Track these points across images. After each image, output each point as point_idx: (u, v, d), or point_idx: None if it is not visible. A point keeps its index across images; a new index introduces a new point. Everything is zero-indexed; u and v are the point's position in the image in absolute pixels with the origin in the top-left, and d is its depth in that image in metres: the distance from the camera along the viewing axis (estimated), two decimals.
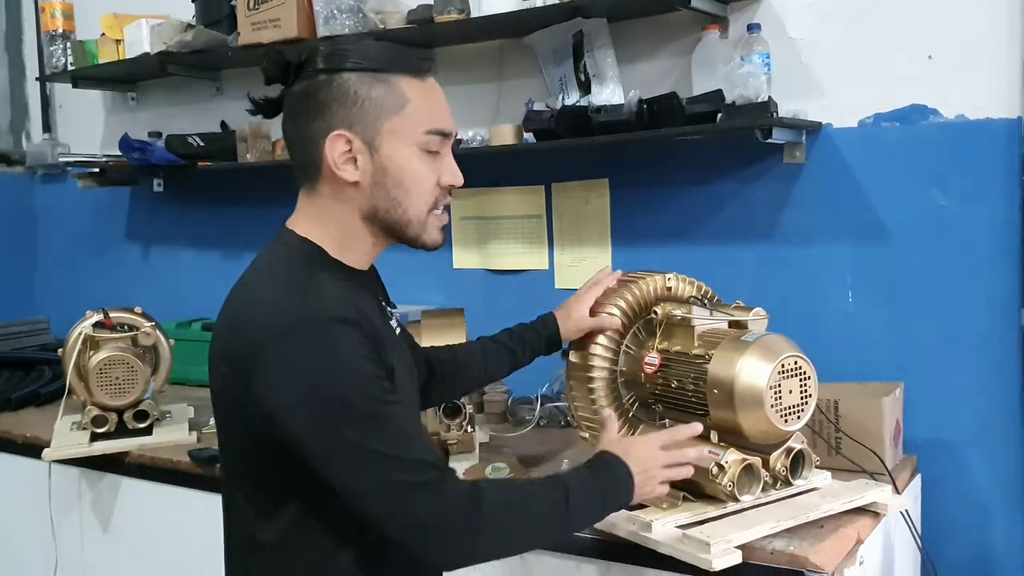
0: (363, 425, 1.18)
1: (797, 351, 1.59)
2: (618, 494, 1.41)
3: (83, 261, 3.60)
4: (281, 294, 1.25)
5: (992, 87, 2.02)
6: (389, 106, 1.29)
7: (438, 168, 1.35)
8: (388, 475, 1.19)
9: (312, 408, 1.19)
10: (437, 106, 1.34)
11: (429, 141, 1.32)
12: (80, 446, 2.34)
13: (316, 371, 1.19)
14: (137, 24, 2.93)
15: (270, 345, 1.19)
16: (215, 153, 2.91)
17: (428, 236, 1.36)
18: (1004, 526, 2.07)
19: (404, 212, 1.33)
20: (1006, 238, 2.02)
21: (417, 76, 1.32)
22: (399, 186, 1.31)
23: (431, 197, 1.34)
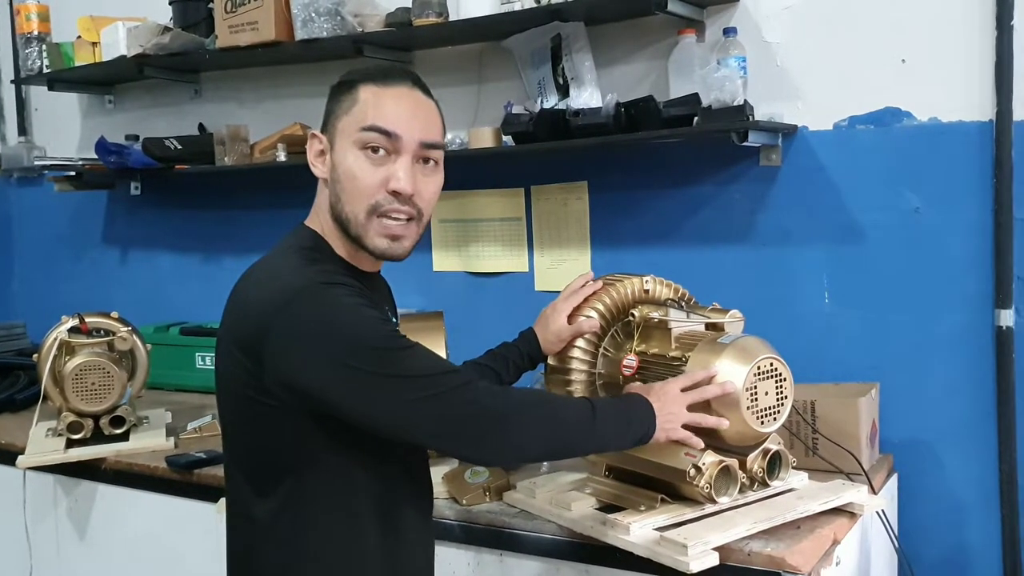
0: (381, 357, 1.24)
1: (773, 353, 1.59)
2: (642, 423, 1.47)
3: (60, 265, 3.56)
4: (284, 273, 1.32)
5: (964, 90, 2.04)
6: (344, 107, 1.37)
7: (385, 171, 1.35)
8: (418, 393, 1.25)
9: (330, 358, 1.24)
10: (384, 106, 1.36)
11: (365, 138, 1.34)
12: (55, 453, 2.32)
13: (323, 325, 1.25)
14: (114, 27, 2.91)
15: (276, 316, 1.26)
16: (193, 156, 2.89)
17: (369, 240, 1.37)
18: (980, 525, 2.08)
19: (342, 208, 1.36)
20: (979, 239, 2.04)
21: (379, 82, 1.37)
22: (338, 183, 1.36)
23: (369, 199, 1.35)
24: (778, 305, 2.24)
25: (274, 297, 1.27)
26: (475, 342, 1.85)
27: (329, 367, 1.24)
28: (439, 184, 1.43)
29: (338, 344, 1.24)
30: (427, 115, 1.40)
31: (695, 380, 1.55)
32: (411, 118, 1.36)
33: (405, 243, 1.39)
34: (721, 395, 1.53)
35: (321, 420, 1.28)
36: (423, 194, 1.38)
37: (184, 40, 2.76)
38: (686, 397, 1.53)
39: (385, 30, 2.47)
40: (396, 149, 1.35)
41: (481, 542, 1.82)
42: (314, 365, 1.24)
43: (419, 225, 1.40)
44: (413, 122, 1.36)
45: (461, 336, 2.21)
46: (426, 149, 1.38)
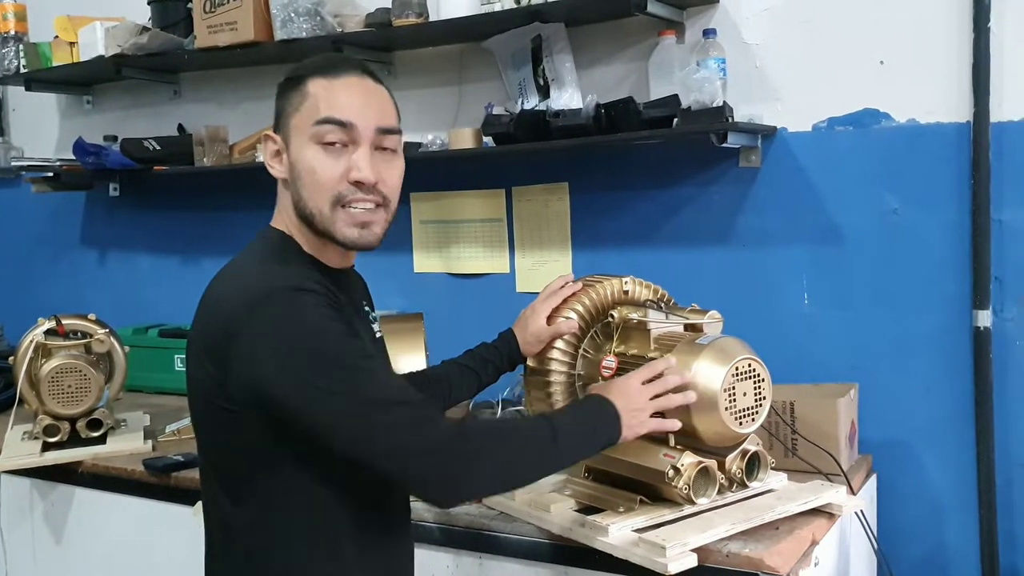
0: (343, 375, 1.22)
1: (751, 353, 1.59)
2: (608, 428, 1.44)
3: (38, 267, 3.54)
4: (252, 276, 1.30)
5: (942, 92, 2.04)
6: (294, 104, 1.35)
7: (344, 162, 1.33)
8: (378, 418, 1.22)
9: (293, 369, 1.22)
10: (336, 98, 1.33)
11: (321, 131, 1.32)
12: (31, 456, 2.30)
13: (290, 334, 1.23)
14: (91, 26, 2.89)
15: (243, 321, 1.24)
16: (172, 157, 2.87)
17: (338, 232, 1.34)
18: (958, 525, 2.09)
19: (305, 205, 1.34)
20: (957, 240, 2.05)
21: (327, 75, 1.34)
22: (299, 180, 1.34)
23: (331, 192, 1.32)
24: (758, 306, 2.24)
25: (240, 303, 1.25)
26: (456, 344, 1.84)
27: (291, 378, 1.22)
28: (401, 169, 1.40)
29: (301, 356, 1.22)
30: (380, 102, 1.37)
31: (655, 371, 1.53)
32: (364, 106, 1.34)
33: (375, 229, 1.36)
34: (682, 383, 1.52)
35: (288, 428, 1.26)
36: (387, 181, 1.36)
37: (163, 40, 2.74)
38: (648, 389, 1.51)
39: (365, 30, 2.46)
40: (353, 139, 1.33)
41: (460, 545, 1.81)
42: (277, 375, 1.22)
43: (387, 212, 1.38)
44: (367, 110, 1.34)
45: (442, 338, 2.19)
46: (383, 135, 1.35)
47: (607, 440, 1.45)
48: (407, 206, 2.67)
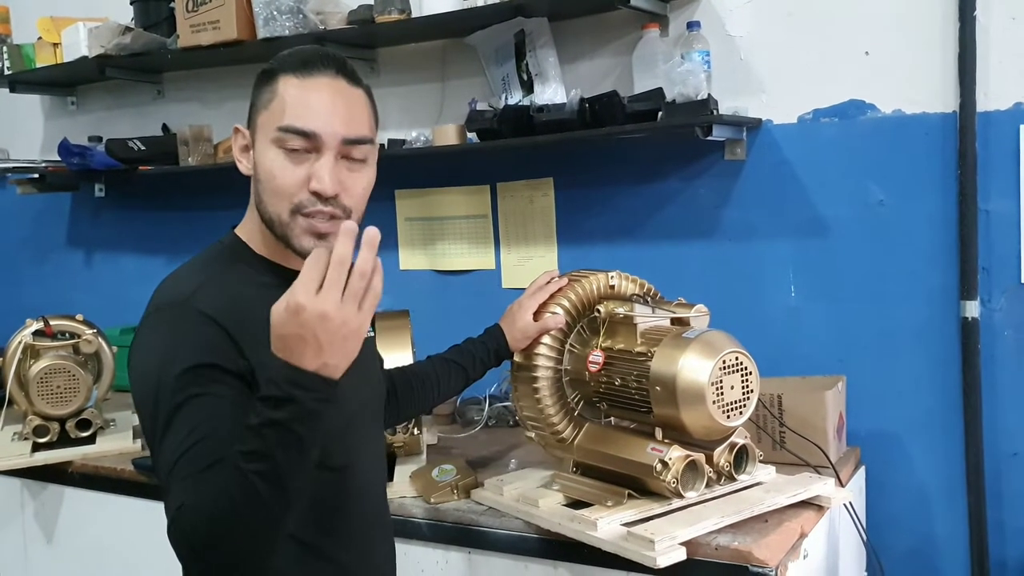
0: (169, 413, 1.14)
1: (738, 347, 1.58)
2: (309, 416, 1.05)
3: (25, 268, 3.52)
4: (169, 283, 1.27)
5: (928, 82, 2.03)
6: (263, 101, 1.28)
7: (306, 170, 1.24)
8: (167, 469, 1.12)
9: (139, 386, 1.20)
10: (302, 104, 1.25)
11: (283, 138, 1.24)
12: (21, 456, 2.31)
13: (150, 353, 1.19)
14: (75, 27, 2.87)
15: (140, 325, 1.24)
16: (156, 157, 2.86)
17: (295, 240, 1.26)
18: (946, 516, 2.08)
19: (266, 208, 1.27)
20: (944, 231, 2.04)
21: (298, 74, 1.26)
22: (260, 182, 1.28)
23: (290, 199, 1.24)
24: (744, 300, 2.22)
25: (150, 306, 1.24)
26: (442, 340, 1.83)
27: (138, 394, 1.20)
28: (369, 180, 1.31)
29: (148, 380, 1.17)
30: (350, 108, 1.27)
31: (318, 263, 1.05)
32: (331, 114, 1.25)
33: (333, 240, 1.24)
34: None
35: None
36: (351, 192, 1.27)
37: (146, 40, 2.73)
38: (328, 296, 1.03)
39: (347, 27, 2.44)
40: (316, 148, 1.25)
41: (449, 540, 1.80)
42: (134, 387, 1.21)
43: None
44: (333, 118, 1.25)
45: (428, 335, 2.18)
46: (350, 146, 1.26)
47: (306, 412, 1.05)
48: (392, 203, 2.65)
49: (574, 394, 1.76)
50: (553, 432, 1.72)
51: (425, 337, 2.12)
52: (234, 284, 1.26)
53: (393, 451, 2.02)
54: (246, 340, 1.19)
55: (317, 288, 1.03)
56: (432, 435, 2.22)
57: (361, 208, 1.31)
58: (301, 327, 1.03)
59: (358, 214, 1.30)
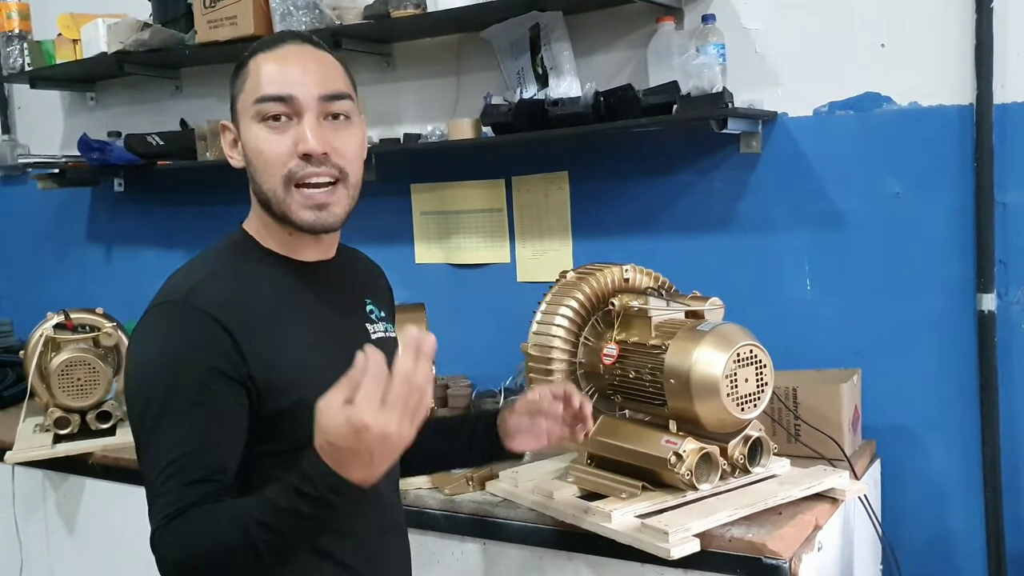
0: (158, 414, 1.13)
1: (752, 340, 1.58)
2: (326, 497, 1.03)
3: (46, 263, 3.54)
4: (174, 277, 1.26)
5: (944, 74, 2.01)
6: (239, 86, 1.27)
7: (291, 136, 1.23)
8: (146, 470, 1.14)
9: (131, 384, 1.20)
10: (271, 73, 1.24)
11: (262, 109, 1.23)
12: (43, 448, 2.33)
13: (144, 352, 1.19)
14: (94, 24, 2.88)
15: (140, 320, 1.23)
16: (175, 152, 2.86)
17: (295, 215, 1.24)
18: (963, 509, 2.06)
19: (261, 189, 1.25)
20: (960, 223, 2.02)
21: (265, 50, 1.26)
22: (251, 164, 1.26)
23: (281, 170, 1.23)
24: (760, 292, 2.21)
25: (153, 300, 1.23)
26: (458, 333, 1.84)
27: (129, 393, 1.20)
28: (359, 138, 1.29)
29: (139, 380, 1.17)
30: (321, 67, 1.26)
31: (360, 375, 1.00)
32: (303, 74, 1.24)
33: (335, 210, 1.25)
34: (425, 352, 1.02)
35: None
36: (341, 151, 1.25)
37: (164, 36, 2.73)
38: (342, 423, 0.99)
39: (363, 22, 2.44)
40: (296, 111, 1.23)
41: (464, 531, 1.80)
42: (127, 386, 1.22)
43: (347, 187, 1.27)
44: (306, 77, 1.24)
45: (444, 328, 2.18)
46: (329, 102, 1.24)
47: (322, 494, 1.03)
48: (407, 197, 2.66)
49: (588, 387, 1.76)
50: None
51: (440, 330, 2.11)
52: (238, 278, 1.25)
53: None
54: (246, 336, 1.17)
55: (380, 403, 0.98)
56: None
57: (357, 172, 1.28)
58: (360, 444, 0.98)
59: (353, 177, 1.28)
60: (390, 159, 2.56)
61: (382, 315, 1.44)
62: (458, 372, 2.51)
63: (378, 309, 1.43)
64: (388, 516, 1.39)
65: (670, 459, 1.56)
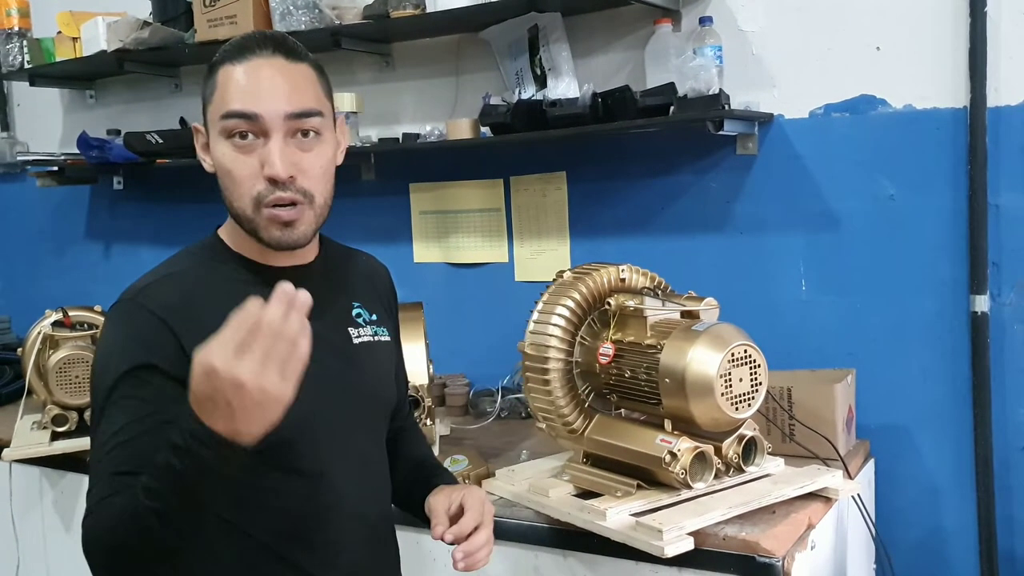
0: (100, 408, 1.17)
1: (747, 340, 1.58)
2: (199, 448, 0.99)
3: (45, 260, 3.55)
4: (139, 280, 1.28)
5: (938, 77, 2.03)
6: (207, 93, 1.24)
7: (258, 157, 1.20)
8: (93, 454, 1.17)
9: (92, 375, 1.23)
10: (237, 87, 1.20)
11: (228, 126, 1.20)
12: (40, 445, 2.33)
13: (101, 344, 1.23)
14: (93, 22, 2.88)
15: None
16: (174, 150, 2.85)
17: (263, 233, 1.23)
18: (956, 509, 2.08)
19: (231, 206, 1.24)
20: (954, 225, 2.03)
21: (233, 61, 1.22)
22: (221, 179, 1.25)
23: (250, 192, 1.21)
24: (755, 293, 2.23)
25: None
26: (455, 332, 1.84)
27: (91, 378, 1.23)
28: (327, 157, 1.26)
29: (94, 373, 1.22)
30: (290, 82, 1.22)
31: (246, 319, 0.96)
32: (270, 91, 1.20)
33: (300, 227, 1.23)
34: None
35: None
36: (308, 173, 1.22)
37: (163, 34, 2.74)
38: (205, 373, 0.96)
39: (362, 22, 2.44)
40: (262, 131, 1.20)
41: None
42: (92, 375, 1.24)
43: (313, 208, 1.24)
44: (273, 94, 1.20)
45: (441, 327, 2.20)
46: (297, 120, 1.21)
47: (198, 445, 0.99)
48: (406, 196, 2.66)
49: (585, 386, 1.77)
50: (564, 423, 1.73)
51: (439, 329, 2.14)
52: (197, 281, 1.25)
53: None
54: (193, 338, 1.05)
55: (235, 349, 0.93)
56: (445, 426, 2.24)
57: (324, 190, 1.26)
58: (213, 390, 0.94)
59: (322, 197, 1.25)
60: (389, 159, 2.57)
61: (373, 318, 1.41)
62: (456, 371, 2.53)
63: (368, 312, 1.41)
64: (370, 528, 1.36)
65: (665, 458, 1.56)
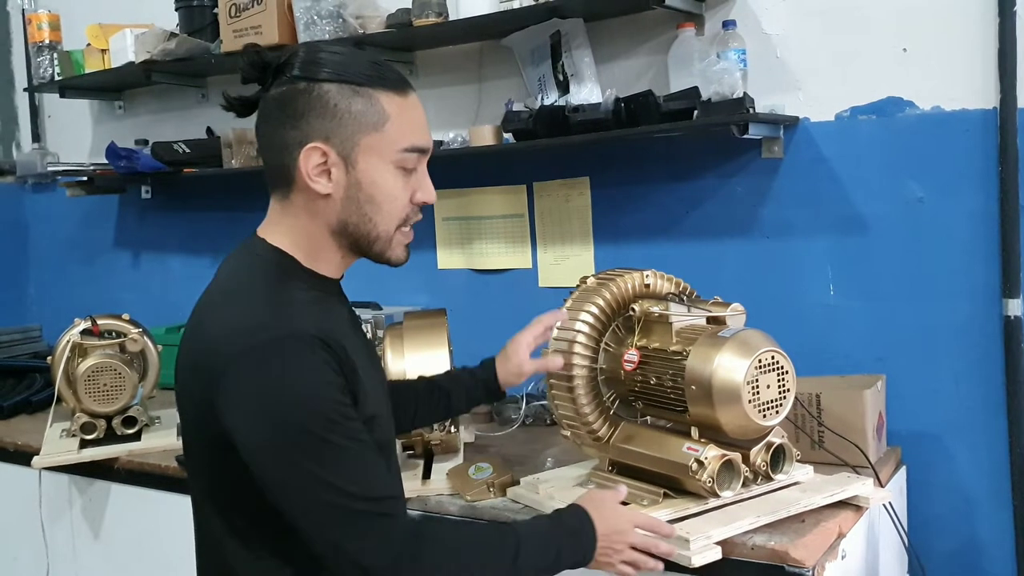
0: (316, 452, 1.14)
1: (774, 346, 1.56)
2: (575, 553, 1.34)
3: (74, 269, 3.59)
4: (250, 308, 1.21)
5: (967, 78, 1.99)
6: (369, 121, 1.25)
7: (412, 184, 1.30)
8: (335, 505, 1.15)
9: (267, 430, 1.15)
10: (416, 123, 1.29)
11: (406, 159, 1.27)
12: (69, 453, 2.34)
13: (276, 393, 1.15)
14: (122, 34, 2.93)
15: (236, 361, 1.16)
16: (201, 159, 2.89)
17: (393, 253, 1.31)
18: (990, 517, 2.04)
19: (374, 227, 1.28)
20: (985, 227, 1.99)
21: (399, 92, 1.27)
22: (371, 202, 1.27)
23: (402, 214, 1.29)
24: (783, 298, 2.20)
25: (237, 339, 1.17)
26: (479, 339, 1.83)
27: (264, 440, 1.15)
28: None
29: (281, 423, 1.15)
30: None
31: (652, 525, 1.43)
32: (427, 128, 1.33)
33: None
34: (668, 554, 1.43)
35: None
36: None
37: (190, 45, 2.77)
38: (637, 537, 1.40)
39: (386, 31, 2.46)
40: (422, 161, 1.31)
41: None
42: (252, 433, 1.16)
43: None
44: (429, 131, 1.33)
45: (465, 333, 2.18)
46: None
47: (572, 565, 1.33)
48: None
49: (610, 393, 1.75)
50: (589, 431, 1.71)
51: (462, 335, 2.13)
52: (306, 303, 1.25)
53: (431, 449, 2.02)
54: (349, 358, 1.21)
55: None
56: (469, 433, 2.23)
57: None
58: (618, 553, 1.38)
59: None
60: None
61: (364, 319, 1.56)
62: None
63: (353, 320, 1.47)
64: None
65: (691, 466, 1.54)
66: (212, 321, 1.24)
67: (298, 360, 1.16)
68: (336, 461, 1.15)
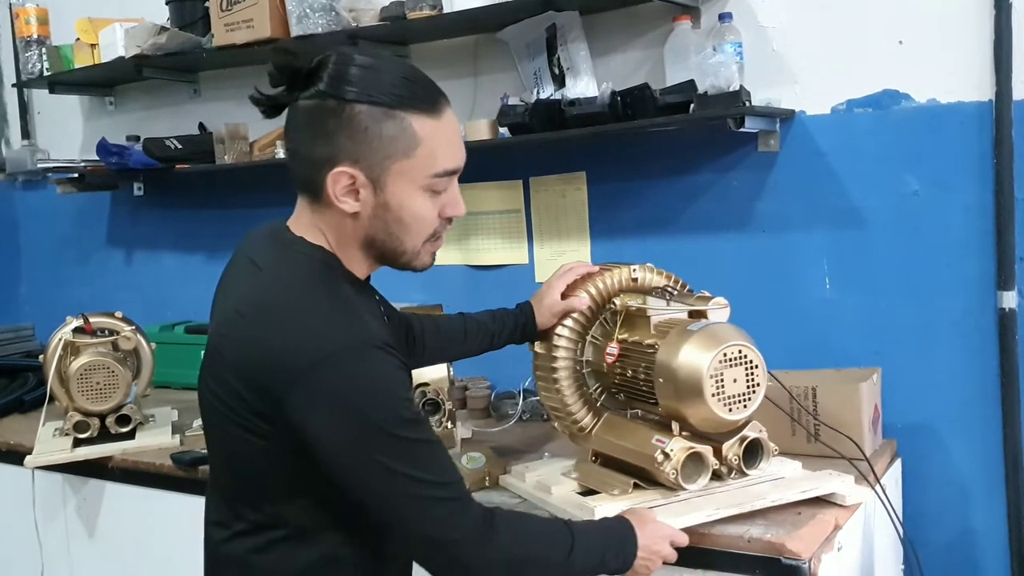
0: (397, 450, 1.27)
1: (743, 340, 1.63)
2: (617, 560, 1.48)
3: (66, 267, 3.68)
4: (315, 315, 1.29)
5: (963, 70, 2.09)
6: (400, 147, 1.30)
7: (442, 201, 1.37)
8: (418, 496, 1.28)
9: (350, 433, 1.26)
10: (449, 144, 1.34)
11: (440, 183, 1.34)
12: (62, 452, 2.41)
13: (357, 397, 1.25)
14: (111, 28, 3.00)
15: (310, 372, 1.24)
16: (193, 155, 2.98)
17: (419, 261, 1.41)
18: (985, 508, 2.15)
19: (400, 244, 1.37)
20: (980, 220, 2.10)
21: (431, 113, 1.31)
22: (399, 222, 1.34)
23: (430, 230, 1.38)
24: (778, 292, 2.31)
25: (308, 349, 1.25)
26: None
27: (347, 443, 1.26)
28: None
29: (362, 425, 1.25)
30: None
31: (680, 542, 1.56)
32: (461, 143, 1.39)
33: None
34: None
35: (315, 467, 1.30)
36: None
37: (181, 40, 2.85)
38: (668, 551, 1.54)
39: (380, 24, 2.53)
40: (453, 179, 1.38)
41: None
42: (335, 436, 1.26)
43: None
44: (462, 147, 1.39)
45: None
46: None
47: (614, 569, 1.48)
48: None
49: (595, 385, 1.88)
50: (573, 421, 1.84)
51: None
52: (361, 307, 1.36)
53: None
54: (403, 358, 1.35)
55: None
56: (467, 429, 2.33)
57: None
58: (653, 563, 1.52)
59: None
60: None
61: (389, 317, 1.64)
62: (477, 374, 2.65)
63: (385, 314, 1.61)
64: None
65: (657, 457, 1.64)
66: (272, 327, 1.29)
67: (373, 365, 1.27)
68: (415, 456, 1.28)
